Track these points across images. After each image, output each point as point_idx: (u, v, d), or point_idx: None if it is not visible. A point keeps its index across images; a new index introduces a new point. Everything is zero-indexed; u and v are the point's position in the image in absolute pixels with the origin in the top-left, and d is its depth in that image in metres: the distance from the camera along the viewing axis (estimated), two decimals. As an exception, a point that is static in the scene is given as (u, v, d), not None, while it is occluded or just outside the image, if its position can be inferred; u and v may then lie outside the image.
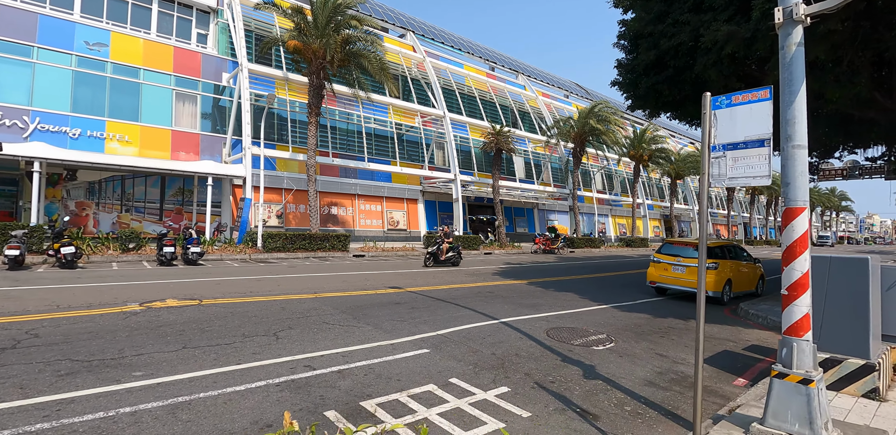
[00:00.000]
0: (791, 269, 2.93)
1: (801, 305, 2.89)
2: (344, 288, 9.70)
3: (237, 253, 15.81)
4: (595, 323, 7.16)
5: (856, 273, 4.15)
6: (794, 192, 2.93)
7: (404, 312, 7.38)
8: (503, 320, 7.00)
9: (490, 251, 23.37)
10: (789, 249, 2.95)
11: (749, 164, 2.79)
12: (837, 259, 4.26)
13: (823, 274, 4.32)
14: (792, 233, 2.94)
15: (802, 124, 2.91)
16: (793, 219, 2.94)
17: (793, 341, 2.93)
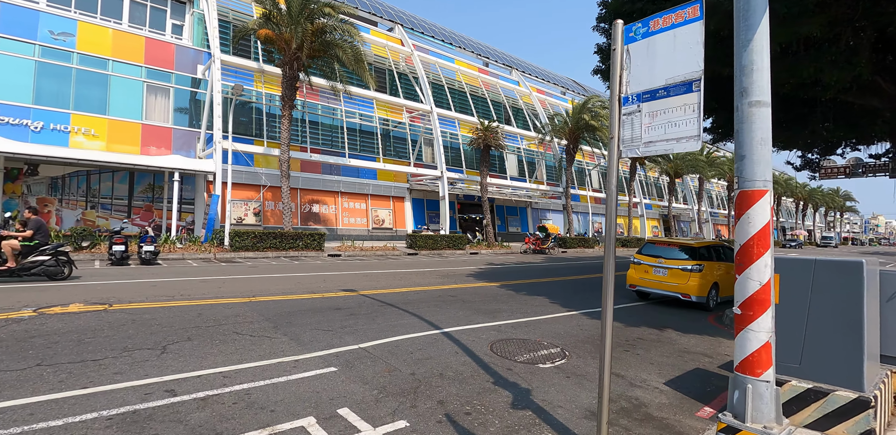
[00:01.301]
0: (746, 278, 2.06)
1: (758, 329, 2.02)
2: (292, 290, 8.84)
3: (202, 252, 14.98)
4: (554, 333, 6.27)
5: (847, 280, 3.26)
6: (751, 167, 2.06)
7: (339, 319, 6.52)
8: (447, 330, 6.13)
9: (477, 251, 22.48)
10: (744, 249, 2.08)
11: (671, 120, 1.93)
12: (824, 262, 3.36)
13: (806, 281, 3.42)
14: (747, 226, 2.06)
15: (763, 73, 2.04)
16: (749, 206, 2.06)
17: (747, 382, 2.05)
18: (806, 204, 68.25)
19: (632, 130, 2.02)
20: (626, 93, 2.04)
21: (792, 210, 70.35)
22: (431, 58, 28.82)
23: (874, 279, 3.55)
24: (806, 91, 10.17)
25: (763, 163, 2.02)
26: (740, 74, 2.07)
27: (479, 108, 30.39)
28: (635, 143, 2.02)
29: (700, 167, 38.64)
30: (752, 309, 2.02)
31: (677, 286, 8.82)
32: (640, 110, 1.98)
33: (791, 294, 3.47)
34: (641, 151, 2.01)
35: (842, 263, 3.28)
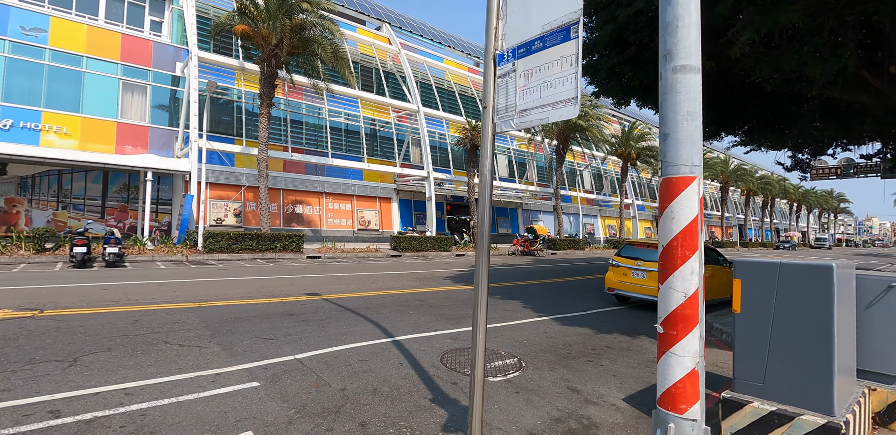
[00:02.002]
0: (668, 289, 1.64)
1: (682, 353, 1.59)
2: (250, 295, 8.38)
3: (173, 254, 14.48)
4: (516, 342, 5.84)
5: (815, 286, 2.84)
6: (675, 149, 1.64)
7: (286, 326, 6.07)
8: (399, 338, 5.68)
9: (463, 253, 22.04)
10: (666, 252, 1.66)
11: (548, 79, 1.51)
12: (789, 266, 2.95)
13: (770, 287, 3.00)
14: (670, 222, 1.64)
15: (691, 30, 1.63)
16: (672, 197, 1.64)
17: (669, 420, 1.62)
18: (800, 205, 68.20)
19: (506, 96, 1.60)
20: (501, 48, 1.62)
21: (786, 212, 70.29)
22: (419, 57, 28.44)
23: (848, 285, 3.14)
24: (791, 87, 9.79)
25: (690, 142, 1.60)
26: (664, 34, 1.66)
27: (468, 108, 30.02)
28: (510, 112, 1.60)
29: (692, 168, 38.36)
30: (675, 327, 1.60)
31: (656, 289, 8.39)
32: (514, 69, 1.57)
33: (753, 302, 3.06)
34: (516, 123, 1.59)
35: (809, 267, 2.87)
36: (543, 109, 1.51)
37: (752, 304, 3.05)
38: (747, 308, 3.06)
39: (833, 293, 2.76)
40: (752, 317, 3.04)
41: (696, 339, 1.57)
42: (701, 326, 1.60)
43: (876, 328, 3.44)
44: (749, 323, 3.06)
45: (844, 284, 3.01)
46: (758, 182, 50.43)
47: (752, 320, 3.04)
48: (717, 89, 11.80)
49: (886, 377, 3.42)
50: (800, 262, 2.92)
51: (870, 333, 3.45)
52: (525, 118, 1.58)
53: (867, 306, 3.42)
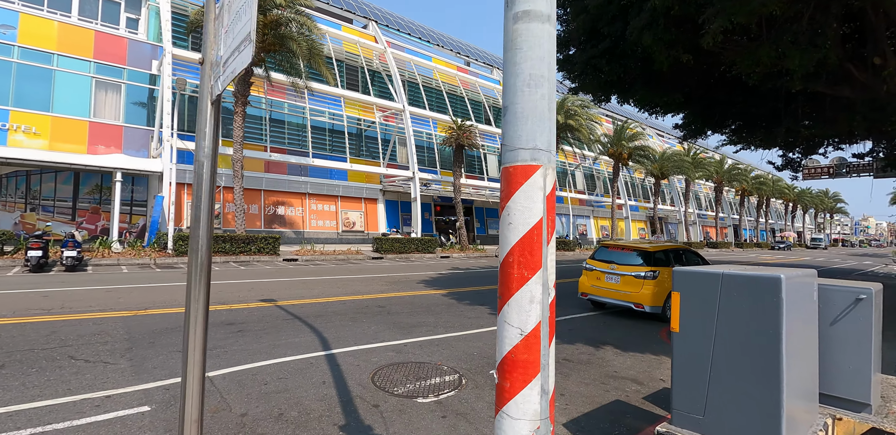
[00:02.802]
0: (503, 323, 1.19)
1: (517, 414, 1.12)
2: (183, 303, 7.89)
3: (141, 257, 13.98)
4: (466, 354, 5.37)
5: (761, 301, 2.39)
6: (515, 126, 1.18)
7: (218, 338, 5.59)
8: (336, 351, 5.21)
9: (448, 255, 21.57)
10: (502, 270, 1.20)
11: (236, 9, 1.05)
12: (732, 278, 2.49)
13: (711, 302, 2.54)
14: (507, 229, 1.18)
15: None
16: (509, 194, 1.19)
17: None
18: (795, 206, 67.91)
19: (220, 45, 1.15)
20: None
21: (781, 212, 70.00)
22: (407, 55, 27.98)
23: (806, 298, 2.68)
24: (774, 81, 9.38)
25: (533, 118, 1.14)
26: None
27: (457, 108, 29.57)
28: (218, 65, 1.15)
29: (685, 168, 37.99)
30: (508, 377, 1.14)
31: (630, 295, 7.95)
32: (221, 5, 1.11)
33: (693, 319, 2.60)
34: (221, 82, 1.15)
35: (754, 279, 2.41)
36: (234, 58, 1.06)
37: (691, 321, 2.59)
38: (687, 326, 2.60)
39: (781, 309, 2.30)
40: (691, 337, 2.59)
41: (535, 395, 1.11)
42: (545, 375, 1.13)
43: (843, 347, 2.98)
44: (688, 344, 2.60)
45: (801, 298, 2.55)
46: (752, 182, 50.08)
47: (692, 341, 2.58)
48: (699, 85, 11.38)
49: (855, 404, 2.96)
50: (744, 272, 2.46)
51: (836, 352, 3.00)
52: (225, 73, 1.13)
53: (833, 322, 2.97)
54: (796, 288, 2.47)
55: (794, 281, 2.43)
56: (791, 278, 2.38)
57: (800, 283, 2.54)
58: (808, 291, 2.69)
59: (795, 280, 2.44)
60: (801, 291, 2.58)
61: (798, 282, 2.51)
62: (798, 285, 2.51)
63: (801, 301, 2.57)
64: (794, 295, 2.43)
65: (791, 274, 2.42)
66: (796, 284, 2.47)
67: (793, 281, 2.40)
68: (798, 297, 2.50)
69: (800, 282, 2.54)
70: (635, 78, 10.65)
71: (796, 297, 2.47)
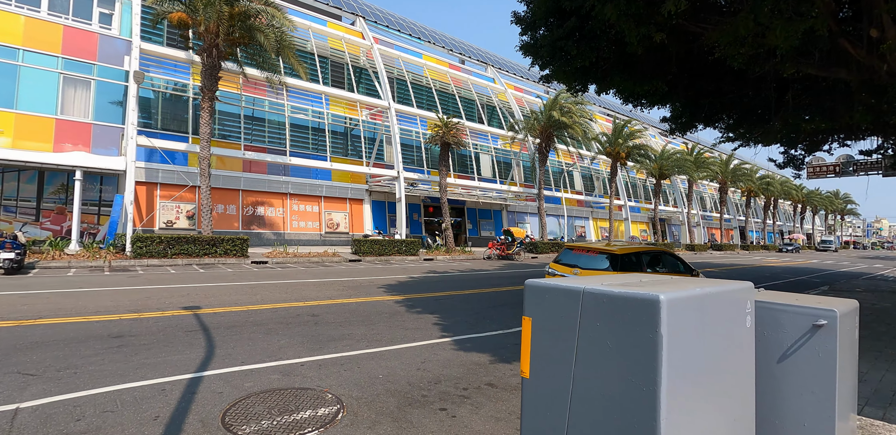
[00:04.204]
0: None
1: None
2: (108, 309, 7.09)
3: (95, 259, 13.25)
4: (369, 377, 4.48)
5: (633, 335, 1.48)
6: None
7: (87, 353, 4.77)
8: (210, 373, 4.35)
9: (432, 257, 20.67)
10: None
11: None
12: (595, 296, 1.59)
13: (570, 331, 1.65)
14: None
15: None
16: None
17: None
18: (804, 207, 66.19)
19: None
20: None
21: (790, 213, 68.27)
22: (395, 52, 27.21)
23: (729, 325, 1.77)
24: (762, 64, 8.43)
25: None
26: None
27: (448, 106, 28.72)
28: None
29: (687, 168, 36.83)
30: None
31: (593, 303, 7.01)
32: None
33: (546, 360, 1.71)
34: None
35: (623, 300, 1.51)
36: None
37: (544, 362, 1.70)
38: (539, 370, 1.71)
39: (658, 347, 1.41)
40: (543, 387, 1.69)
41: None
42: None
43: (796, 391, 2.07)
44: (539, 398, 1.70)
45: (712, 326, 1.65)
46: (758, 182, 48.69)
47: (544, 393, 1.68)
48: (683, 72, 10.44)
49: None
50: (612, 290, 1.57)
51: (786, 398, 2.08)
52: None
53: (781, 358, 2.05)
54: (700, 312, 1.58)
55: (696, 302, 1.53)
56: (686, 299, 1.48)
57: (711, 303, 1.64)
58: (733, 313, 1.79)
59: (698, 301, 1.54)
60: (719, 314, 1.68)
61: (703, 303, 1.61)
62: (704, 307, 1.61)
63: (713, 330, 1.67)
64: (694, 323, 1.54)
65: (689, 292, 1.52)
66: (700, 306, 1.57)
67: (691, 302, 1.51)
68: (703, 325, 1.60)
69: (710, 302, 1.64)
70: (611, 64, 9.73)
71: (699, 325, 1.57)
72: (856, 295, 12.14)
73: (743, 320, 1.84)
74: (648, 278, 1.94)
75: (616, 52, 9.09)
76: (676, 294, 1.43)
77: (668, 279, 1.93)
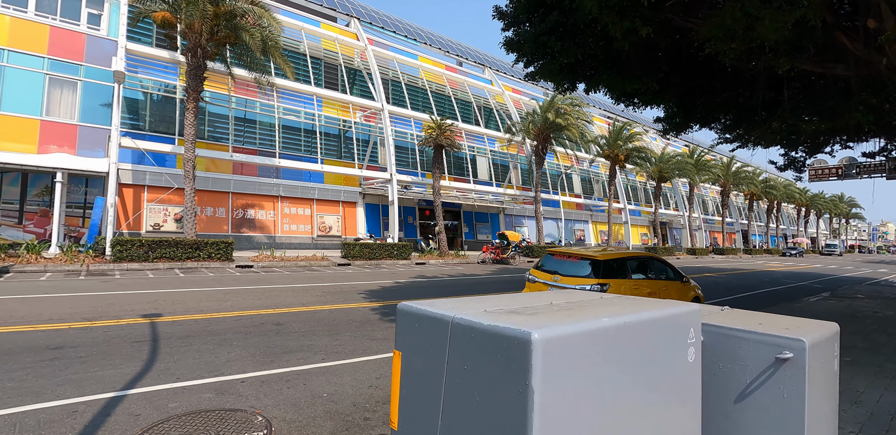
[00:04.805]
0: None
1: None
2: (62, 317, 6.72)
3: (72, 263, 12.92)
4: (312, 396, 4.09)
5: (502, 385, 1.08)
6: None
7: (13, 368, 4.39)
8: (133, 392, 3.96)
9: (424, 261, 20.27)
10: None
11: None
12: (464, 329, 1.19)
13: (437, 370, 1.25)
14: None
15: None
16: None
17: None
18: (808, 210, 65.44)
19: None
20: None
21: (794, 217, 67.52)
22: (390, 53, 26.92)
23: (666, 359, 1.37)
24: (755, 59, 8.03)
25: None
26: None
27: (444, 108, 28.39)
28: None
29: (688, 171, 36.34)
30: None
31: (574, 312, 6.60)
32: None
33: (415, 405, 1.31)
34: None
35: (490, 336, 1.12)
36: None
37: (413, 407, 1.30)
38: (408, 417, 1.31)
39: (528, 404, 1.01)
40: (414, 429, 1.29)
41: None
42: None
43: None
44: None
45: (632, 365, 1.25)
46: (761, 186, 48.09)
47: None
48: (674, 70, 10.05)
49: None
50: (482, 322, 1.18)
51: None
52: None
53: (739, 397, 1.64)
54: (609, 349, 1.19)
55: (601, 337, 1.14)
56: (582, 335, 1.10)
57: (630, 336, 1.25)
58: (667, 347, 1.40)
59: (604, 335, 1.16)
60: (643, 349, 1.29)
61: (616, 337, 1.22)
62: (616, 343, 1.22)
63: (634, 371, 1.28)
64: (596, 366, 1.15)
65: (590, 324, 1.13)
66: (609, 342, 1.19)
67: (591, 338, 1.12)
68: (616, 366, 1.22)
69: (629, 335, 1.25)
70: (599, 62, 9.36)
71: (605, 368, 1.18)
72: (857, 302, 11.66)
73: (683, 354, 1.45)
74: (565, 300, 1.55)
75: (603, 48, 8.72)
76: (564, 328, 1.04)
77: (588, 302, 1.54)
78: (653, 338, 1.31)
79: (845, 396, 4.36)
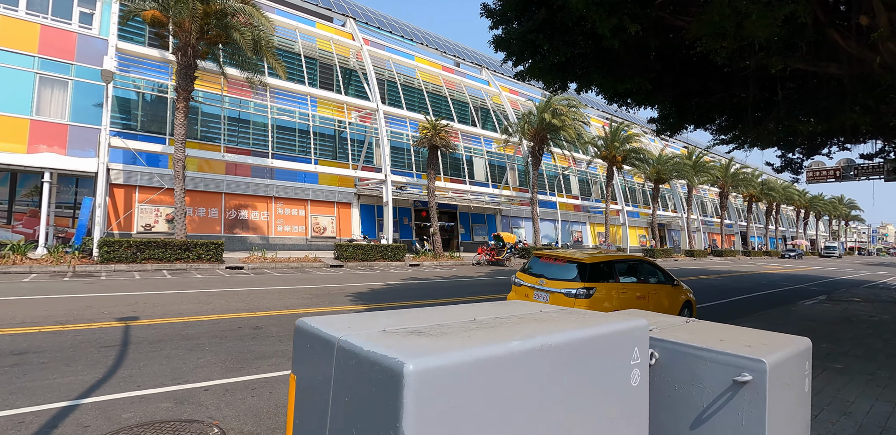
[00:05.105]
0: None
1: None
2: (35, 320, 6.55)
3: (60, 264, 12.75)
4: (277, 405, 3.92)
5: (377, 424, 0.90)
6: None
7: (-36, 377, 4.22)
8: (88, 401, 3.79)
9: (419, 263, 20.09)
10: None
11: None
12: (346, 354, 1.02)
13: (324, 404, 1.08)
14: None
15: None
16: None
17: None
18: (807, 212, 65.26)
19: None
20: None
21: (793, 219, 67.35)
22: (386, 54, 26.78)
23: (601, 385, 1.19)
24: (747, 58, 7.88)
25: None
26: None
27: (440, 109, 28.23)
28: None
29: (686, 172, 36.17)
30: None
31: (559, 316, 6.42)
32: None
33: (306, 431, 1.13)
34: None
35: (368, 363, 0.95)
36: None
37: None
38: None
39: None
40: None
41: None
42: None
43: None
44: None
45: (552, 395, 1.07)
46: (760, 187, 47.93)
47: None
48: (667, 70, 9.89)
49: None
50: (363, 345, 1.00)
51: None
52: None
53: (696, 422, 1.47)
54: (517, 379, 1.01)
55: (504, 365, 0.98)
56: (480, 363, 0.93)
57: (551, 360, 1.08)
58: (603, 370, 1.23)
59: (511, 363, 0.99)
60: (568, 375, 1.11)
61: (531, 362, 1.04)
62: (532, 369, 1.04)
63: (550, 403, 1.09)
64: (501, 401, 0.97)
65: (495, 348, 0.96)
66: (520, 367, 1.01)
67: (494, 366, 0.95)
68: (531, 398, 1.03)
69: (549, 359, 1.08)
70: (589, 60, 9.22)
71: (515, 403, 1.00)
72: (854, 305, 11.49)
73: (625, 377, 1.28)
74: (495, 315, 1.38)
75: (592, 46, 8.56)
76: (451, 357, 0.86)
77: (520, 317, 1.37)
78: (582, 361, 1.14)
79: (834, 407, 4.19)
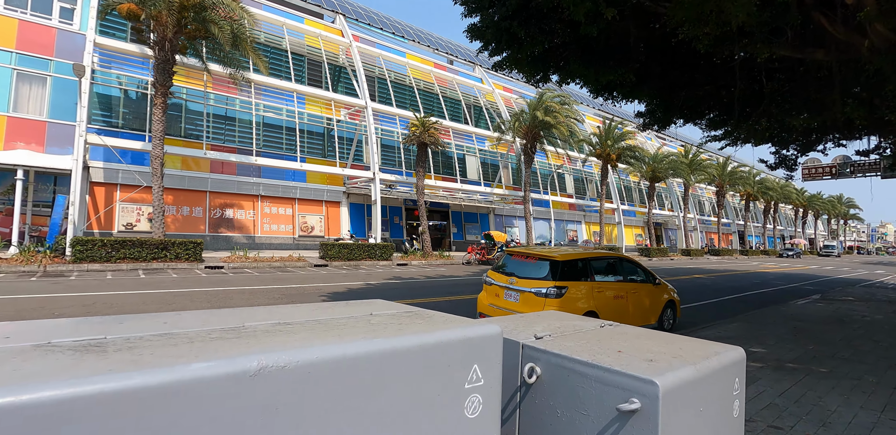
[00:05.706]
0: None
1: None
2: (-24, 323, 6.17)
3: (30, 264, 12.38)
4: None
5: None
6: None
7: None
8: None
9: (407, 262, 19.72)
10: None
11: None
12: None
13: None
14: None
15: None
16: None
17: None
18: (806, 211, 64.93)
19: None
20: None
21: (792, 217, 67.02)
22: (377, 51, 26.42)
23: (419, 426, 0.81)
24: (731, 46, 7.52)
25: None
26: None
27: (432, 106, 27.87)
28: None
29: (682, 170, 35.81)
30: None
31: (530, 317, 6.05)
32: None
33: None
34: None
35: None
36: None
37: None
38: None
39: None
40: None
41: None
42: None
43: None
44: None
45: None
46: (757, 186, 47.58)
47: None
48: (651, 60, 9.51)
49: None
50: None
51: None
52: None
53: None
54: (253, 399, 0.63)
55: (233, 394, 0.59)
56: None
57: (333, 384, 0.70)
58: (426, 403, 0.85)
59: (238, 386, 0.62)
60: (341, 408, 0.74)
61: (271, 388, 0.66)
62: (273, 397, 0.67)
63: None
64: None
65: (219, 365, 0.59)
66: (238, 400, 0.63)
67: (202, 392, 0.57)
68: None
69: (332, 383, 0.70)
70: (570, 50, 8.85)
71: None
72: (847, 305, 11.12)
73: (459, 409, 0.91)
74: (268, 322, 1.01)
75: (571, 35, 8.18)
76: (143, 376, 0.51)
77: (326, 322, 1.00)
78: (375, 387, 0.77)
79: (813, 416, 3.82)
